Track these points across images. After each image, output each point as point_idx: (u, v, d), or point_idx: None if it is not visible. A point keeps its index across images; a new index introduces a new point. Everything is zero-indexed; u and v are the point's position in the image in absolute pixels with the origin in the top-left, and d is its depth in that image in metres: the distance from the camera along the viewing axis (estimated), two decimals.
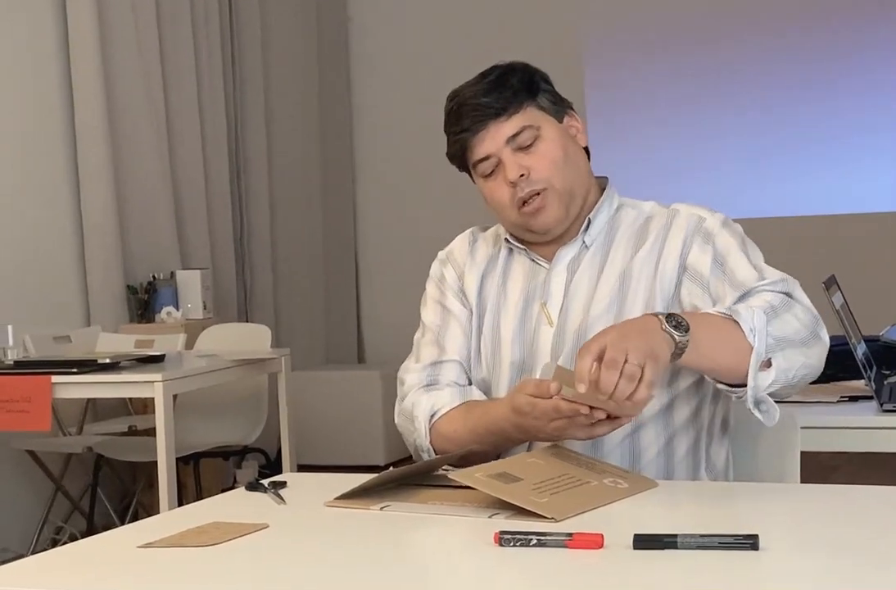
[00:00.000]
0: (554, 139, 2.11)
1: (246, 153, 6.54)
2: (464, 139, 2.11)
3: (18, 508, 4.99)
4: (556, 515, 1.68)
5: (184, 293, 5.62)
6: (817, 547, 1.56)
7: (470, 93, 2.11)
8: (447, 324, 2.21)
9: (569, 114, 2.17)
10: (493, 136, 2.09)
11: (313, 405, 6.22)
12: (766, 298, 1.96)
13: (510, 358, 2.13)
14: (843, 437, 2.68)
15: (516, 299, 2.16)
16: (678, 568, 1.49)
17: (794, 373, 1.92)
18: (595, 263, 2.13)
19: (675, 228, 2.12)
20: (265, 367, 4.67)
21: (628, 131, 6.63)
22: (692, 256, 2.08)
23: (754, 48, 6.61)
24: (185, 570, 1.57)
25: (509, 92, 2.10)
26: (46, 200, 5.33)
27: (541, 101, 2.13)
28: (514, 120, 2.09)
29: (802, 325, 1.95)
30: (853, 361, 2.73)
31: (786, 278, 2.03)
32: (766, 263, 2.07)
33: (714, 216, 2.12)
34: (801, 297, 2.01)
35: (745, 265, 2.05)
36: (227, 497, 2.10)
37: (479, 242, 2.27)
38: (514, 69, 2.14)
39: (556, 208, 2.11)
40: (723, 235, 2.09)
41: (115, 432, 4.98)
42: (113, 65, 5.52)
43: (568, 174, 2.11)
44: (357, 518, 1.81)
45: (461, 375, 2.18)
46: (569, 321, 2.10)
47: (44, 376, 4.02)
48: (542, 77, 2.17)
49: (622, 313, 2.06)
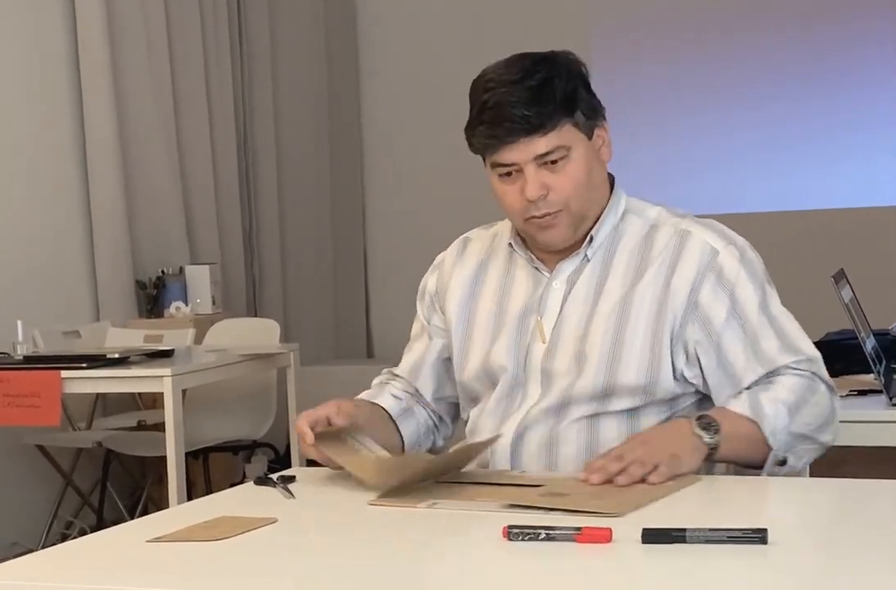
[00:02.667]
0: (581, 161, 2.05)
1: (255, 148, 6.54)
2: (491, 145, 2.04)
3: (28, 503, 5.00)
4: (617, 511, 1.67)
5: (193, 288, 5.62)
6: (826, 541, 1.56)
7: (510, 97, 2.00)
8: (415, 341, 2.29)
9: (599, 125, 2.10)
10: (524, 149, 2.02)
11: (322, 400, 6.18)
12: (792, 384, 2.01)
13: (503, 372, 2.11)
14: (852, 431, 2.67)
15: (516, 312, 2.14)
16: (687, 562, 1.49)
17: (803, 462, 2.03)
18: (594, 276, 2.10)
19: (685, 257, 2.06)
20: (274, 361, 4.67)
21: (634, 127, 6.62)
22: (703, 297, 2.04)
23: (764, 43, 6.59)
24: (194, 564, 1.58)
25: (550, 107, 2.01)
26: (55, 196, 5.34)
27: (578, 117, 2.05)
28: (549, 138, 2.02)
29: (821, 410, 2.02)
30: (862, 355, 2.72)
31: (813, 358, 2.05)
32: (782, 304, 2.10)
33: (727, 249, 2.07)
34: (824, 375, 2.05)
35: (771, 337, 2.05)
36: (236, 492, 2.11)
37: (471, 244, 2.25)
38: (558, 75, 2.03)
39: (566, 230, 2.08)
40: (741, 281, 2.06)
41: (124, 427, 4.98)
42: (122, 62, 5.52)
43: (586, 197, 2.07)
44: (364, 512, 1.82)
45: (405, 389, 2.26)
46: (561, 341, 2.08)
47: (53, 371, 4.03)
48: (583, 80, 2.08)
49: (621, 344, 2.03)
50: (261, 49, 6.57)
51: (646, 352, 2.03)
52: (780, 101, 6.60)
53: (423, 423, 2.23)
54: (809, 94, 6.57)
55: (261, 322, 5.44)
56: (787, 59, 6.58)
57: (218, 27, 6.21)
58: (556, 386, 2.07)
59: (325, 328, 7.02)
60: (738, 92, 6.65)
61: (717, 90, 6.69)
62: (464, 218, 2.21)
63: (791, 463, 1.98)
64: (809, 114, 6.57)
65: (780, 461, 1.97)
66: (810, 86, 6.57)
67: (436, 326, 2.23)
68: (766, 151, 6.62)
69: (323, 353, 6.86)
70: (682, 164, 6.72)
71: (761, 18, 6.60)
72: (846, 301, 2.74)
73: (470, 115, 2.06)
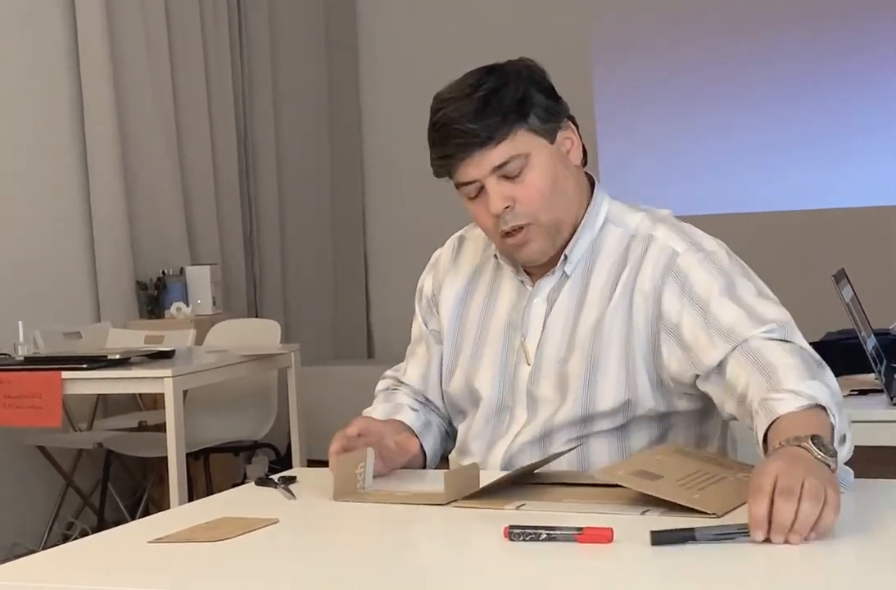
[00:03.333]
0: (543, 167, 1.97)
1: (255, 148, 6.54)
2: (446, 165, 2.00)
3: (29, 503, 5.00)
4: (716, 510, 1.65)
5: (193, 289, 5.62)
6: (828, 540, 1.56)
7: (455, 113, 1.96)
8: (416, 345, 2.23)
9: (563, 127, 2.02)
10: (479, 163, 1.96)
11: (323, 400, 6.22)
12: (783, 355, 1.84)
13: (489, 393, 2.08)
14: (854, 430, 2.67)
15: (500, 326, 2.10)
16: (689, 561, 1.49)
17: (847, 423, 1.81)
18: (573, 295, 2.04)
19: (646, 264, 1.98)
20: (275, 362, 4.67)
21: (636, 127, 6.63)
22: (666, 303, 1.96)
23: (765, 44, 6.59)
24: (196, 565, 1.58)
25: (498, 117, 1.94)
26: (56, 196, 5.34)
27: (532, 122, 1.97)
28: (502, 148, 1.95)
29: (830, 379, 1.84)
30: (863, 354, 2.72)
31: (784, 323, 1.90)
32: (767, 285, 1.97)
33: (689, 251, 1.97)
34: (802, 341, 1.90)
35: (731, 310, 1.91)
36: (237, 492, 2.11)
37: (466, 246, 2.20)
38: (506, 82, 1.97)
39: (542, 244, 2.01)
40: (698, 274, 1.95)
41: (125, 428, 4.98)
42: (122, 62, 5.52)
43: (555, 205, 1.99)
44: (366, 513, 1.82)
45: (415, 397, 2.20)
46: (544, 364, 2.04)
47: (54, 372, 4.03)
48: (536, 84, 2.00)
49: (596, 370, 1.99)
50: (261, 48, 6.57)
51: (621, 374, 1.98)
52: (781, 101, 6.60)
53: (440, 433, 2.20)
54: (810, 95, 6.57)
55: (261, 323, 5.44)
56: (787, 60, 6.57)
57: (218, 26, 6.21)
58: (539, 415, 2.04)
59: (326, 329, 7.02)
60: (739, 92, 6.65)
61: (717, 91, 6.69)
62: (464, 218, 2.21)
63: (848, 436, 1.79)
64: (810, 114, 6.56)
65: (841, 438, 1.76)
66: (811, 86, 6.57)
67: (434, 331, 2.19)
68: (766, 151, 6.62)
69: (323, 353, 6.86)
70: (683, 164, 6.72)
71: (761, 19, 6.59)
72: (847, 301, 2.74)
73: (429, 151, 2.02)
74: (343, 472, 1.90)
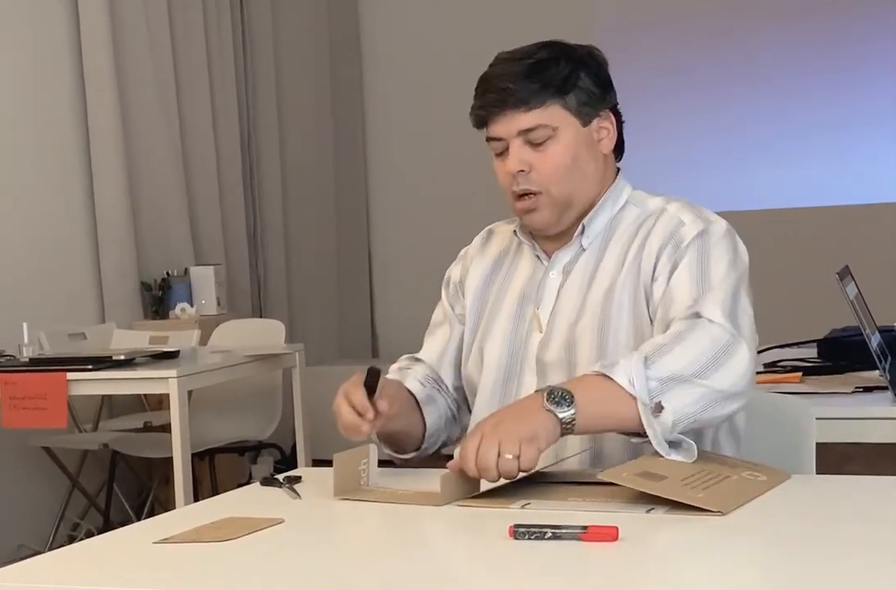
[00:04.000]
0: (567, 144, 2.06)
1: (258, 149, 6.54)
2: (479, 116, 2.08)
3: (35, 505, 5.00)
4: (721, 508, 1.66)
5: (198, 289, 5.62)
6: (832, 538, 1.56)
7: (502, 71, 2.05)
8: (438, 326, 2.26)
9: (602, 115, 2.10)
10: (508, 122, 2.04)
11: (328, 400, 6.16)
12: (670, 331, 1.91)
13: (497, 361, 2.11)
14: (858, 427, 2.67)
15: (513, 298, 2.15)
16: (695, 560, 1.49)
17: (696, 407, 1.83)
18: (588, 267, 2.09)
19: (654, 232, 2.06)
20: (279, 362, 4.67)
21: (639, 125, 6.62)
22: (660, 264, 2.03)
23: (770, 41, 6.58)
24: (201, 565, 1.58)
25: (538, 85, 2.03)
26: (60, 197, 5.34)
27: (569, 100, 2.05)
28: (532, 115, 2.04)
29: (702, 348, 1.86)
30: (868, 351, 2.72)
31: (704, 302, 1.93)
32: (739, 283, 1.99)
33: (695, 223, 2.04)
34: (715, 317, 1.90)
35: (685, 286, 1.97)
36: (243, 492, 2.11)
37: (494, 237, 2.26)
38: (559, 58, 2.06)
39: (548, 215, 2.08)
40: (692, 246, 2.01)
41: (130, 429, 4.99)
42: (125, 63, 5.52)
43: (569, 182, 2.06)
44: (371, 512, 1.82)
45: (427, 376, 2.22)
46: (555, 330, 2.07)
47: (59, 373, 4.03)
48: (588, 68, 2.08)
49: (606, 337, 2.01)
50: (264, 48, 6.57)
51: (630, 341, 2.01)
52: (783, 98, 6.60)
53: (444, 412, 2.20)
54: (814, 91, 6.57)
55: (266, 323, 5.44)
56: (790, 57, 6.57)
57: (221, 27, 6.21)
58: (549, 380, 2.05)
59: (330, 328, 7.02)
60: (744, 90, 6.64)
61: (723, 88, 6.69)
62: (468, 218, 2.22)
63: (673, 406, 1.81)
64: (816, 110, 6.56)
65: (655, 409, 1.81)
66: (815, 83, 6.56)
67: (459, 315, 2.23)
68: (769, 149, 6.62)
69: (328, 353, 6.87)
70: (686, 162, 6.72)
71: (765, 18, 6.59)
72: (851, 298, 2.74)
73: None
74: (345, 469, 1.90)
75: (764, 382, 2.87)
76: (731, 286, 1.98)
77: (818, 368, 3.16)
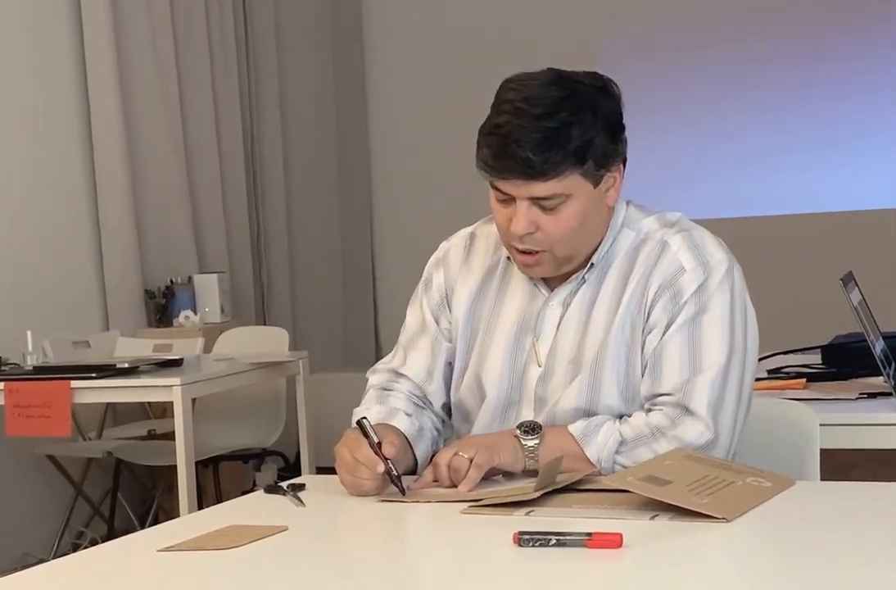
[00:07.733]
0: (579, 208, 1.99)
1: (262, 155, 6.55)
2: (492, 173, 1.98)
3: (40, 513, 5.00)
4: (726, 514, 1.66)
5: (201, 297, 5.63)
6: (837, 545, 1.56)
7: (520, 133, 1.92)
8: (419, 336, 2.20)
9: (612, 170, 2.02)
10: (521, 189, 1.96)
11: (331, 408, 6.19)
12: (651, 420, 1.97)
13: (497, 394, 2.09)
14: (863, 434, 2.67)
15: (509, 326, 2.11)
16: (698, 566, 1.48)
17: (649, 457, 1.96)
18: (585, 300, 2.07)
19: (656, 273, 2.03)
20: (283, 370, 4.67)
21: (642, 132, 6.62)
22: (654, 314, 2.02)
23: (771, 49, 6.59)
24: (206, 573, 1.58)
25: (558, 157, 1.92)
26: (63, 205, 5.35)
27: (587, 167, 1.97)
28: (549, 185, 1.95)
29: (662, 449, 1.95)
30: (872, 357, 2.71)
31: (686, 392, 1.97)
32: None
33: (695, 272, 2.01)
34: (697, 410, 1.96)
35: (675, 362, 1.99)
36: (247, 500, 2.11)
37: (477, 243, 2.20)
38: (581, 118, 1.94)
39: (548, 269, 2.06)
40: (690, 304, 2.00)
41: (134, 437, 4.99)
42: (128, 68, 5.53)
43: (575, 242, 2.02)
44: (375, 519, 1.82)
45: (412, 394, 2.18)
46: (556, 367, 2.06)
47: (63, 382, 4.03)
48: (605, 120, 1.98)
49: (601, 377, 2.02)
50: (267, 54, 6.57)
51: (621, 370, 2.02)
52: (786, 105, 6.60)
53: (431, 436, 2.18)
54: (816, 98, 6.57)
55: (270, 330, 5.44)
56: (793, 64, 6.58)
57: (224, 32, 6.21)
58: (544, 412, 2.06)
59: (334, 336, 7.02)
60: (744, 97, 6.65)
61: (725, 95, 6.69)
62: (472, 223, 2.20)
63: (603, 457, 1.98)
64: (818, 117, 6.56)
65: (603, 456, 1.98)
66: (817, 89, 6.57)
67: (444, 329, 2.18)
68: (773, 155, 6.62)
69: (332, 361, 6.87)
70: (689, 168, 6.72)
71: (768, 25, 6.60)
72: (855, 304, 2.73)
73: (487, 118, 1.99)
74: None
75: (768, 388, 2.87)
76: (721, 367, 1.99)
77: (822, 374, 3.15)
